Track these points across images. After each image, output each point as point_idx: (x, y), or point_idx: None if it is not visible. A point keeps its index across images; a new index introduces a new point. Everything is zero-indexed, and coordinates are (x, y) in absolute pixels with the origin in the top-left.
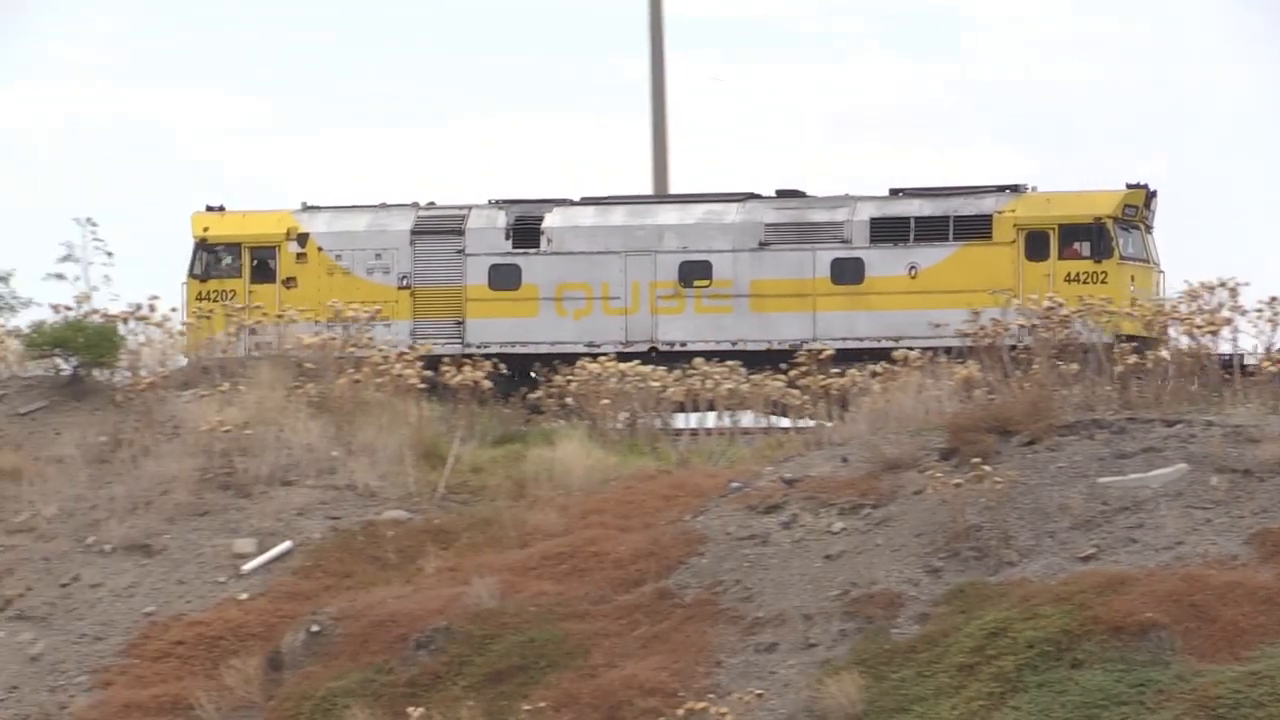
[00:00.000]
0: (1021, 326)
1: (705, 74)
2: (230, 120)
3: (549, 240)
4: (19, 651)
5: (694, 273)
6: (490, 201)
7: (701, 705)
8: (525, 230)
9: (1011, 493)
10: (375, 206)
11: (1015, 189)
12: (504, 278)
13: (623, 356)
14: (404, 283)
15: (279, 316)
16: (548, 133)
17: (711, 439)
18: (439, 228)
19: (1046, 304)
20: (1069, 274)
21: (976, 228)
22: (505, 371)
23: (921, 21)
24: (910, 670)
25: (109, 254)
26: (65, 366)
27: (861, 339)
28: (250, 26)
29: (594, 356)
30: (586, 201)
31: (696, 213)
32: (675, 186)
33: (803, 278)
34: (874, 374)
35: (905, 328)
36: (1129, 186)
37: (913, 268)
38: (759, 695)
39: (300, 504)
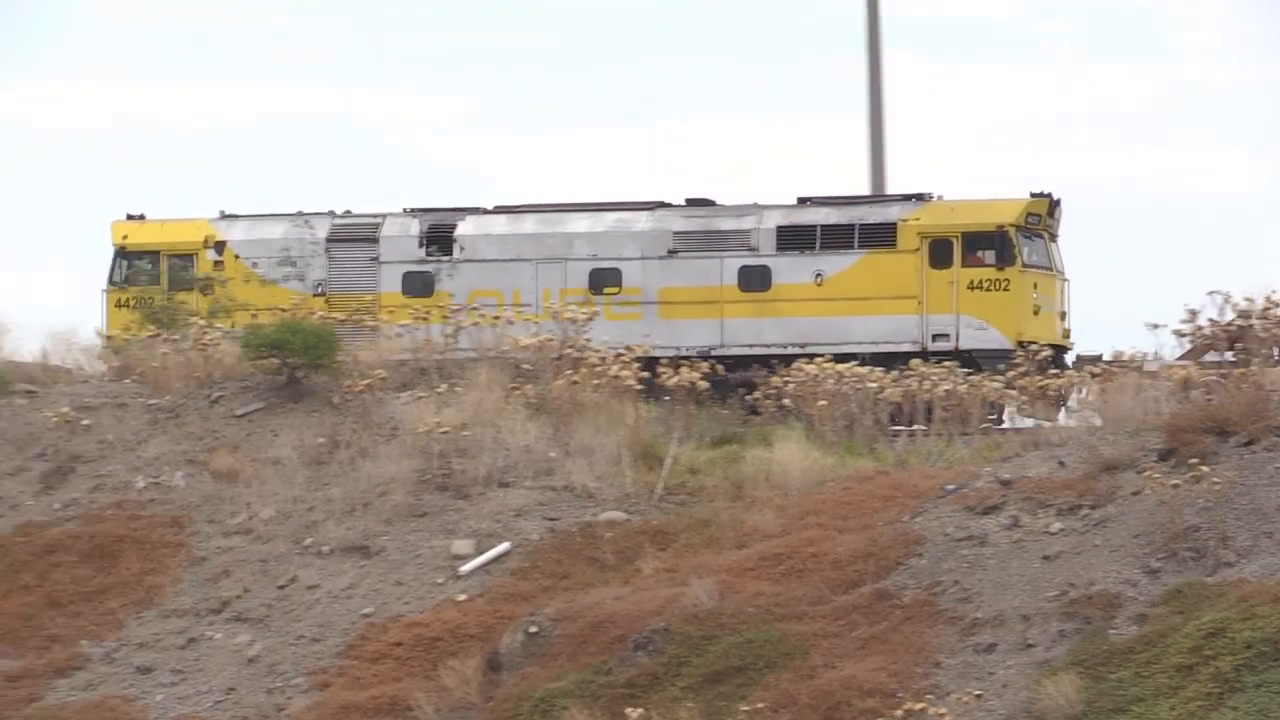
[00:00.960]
0: (1238, 325)
1: None
2: (432, 119)
3: (462, 248)
4: (236, 653)
5: (604, 280)
6: (405, 210)
7: (920, 706)
8: (439, 238)
9: (1229, 493)
10: (292, 214)
11: (920, 197)
12: (417, 285)
13: None
14: (319, 290)
15: (495, 319)
16: (756, 134)
17: (929, 439)
18: (354, 235)
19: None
20: (971, 281)
21: (881, 236)
22: None
23: (1129, 22)
24: (1128, 671)
25: (328, 255)
26: (283, 368)
27: (768, 345)
28: (453, 28)
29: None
30: (499, 210)
31: (607, 221)
32: (890, 186)
33: (710, 285)
34: (1092, 375)
35: (812, 334)
36: (1033, 195)
37: (819, 275)
38: (977, 696)
39: (518, 505)
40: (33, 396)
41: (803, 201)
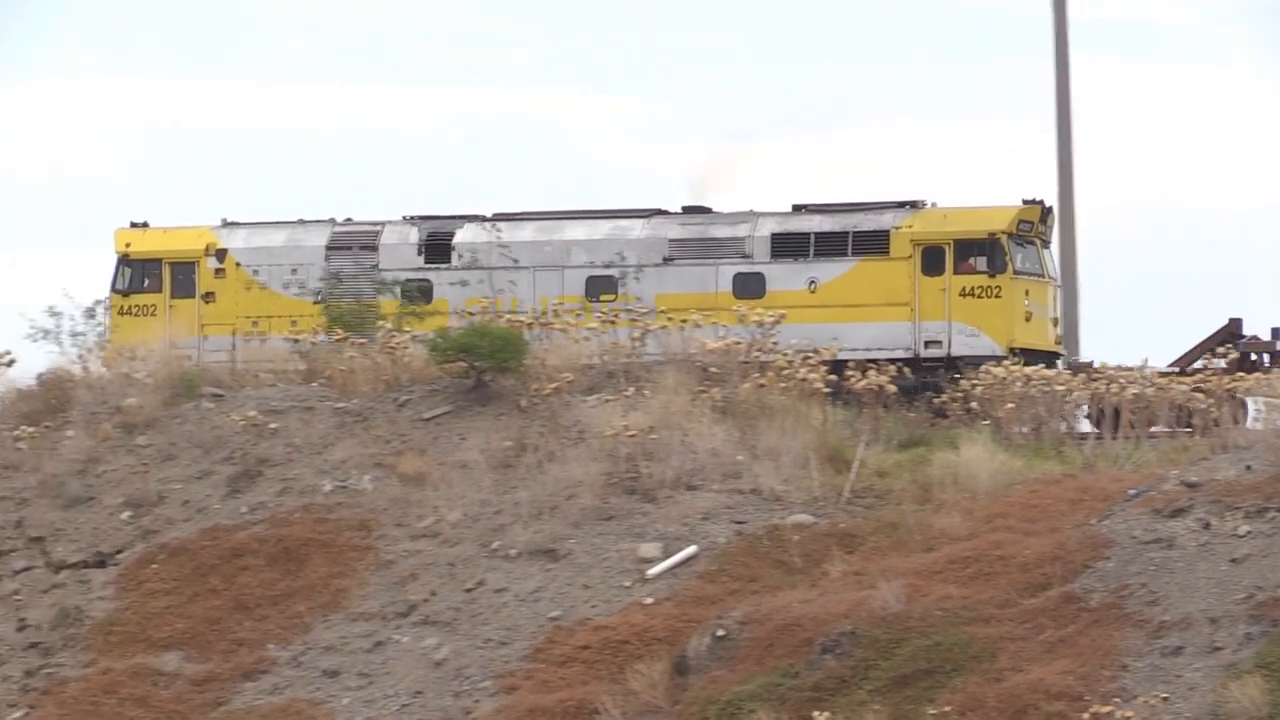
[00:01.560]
0: None
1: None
2: (617, 120)
3: (460, 256)
4: (424, 657)
5: (600, 287)
6: (403, 218)
7: (1107, 709)
8: (437, 246)
9: None
10: (292, 222)
11: (914, 205)
12: (417, 293)
13: None
14: (319, 297)
15: (684, 322)
16: (941, 138)
17: (1117, 443)
18: (353, 243)
19: None
20: (964, 288)
21: (874, 243)
22: None
23: None
24: None
25: (514, 260)
26: (470, 372)
27: None
28: (635, 30)
29: None
30: (498, 217)
31: (603, 228)
32: (1079, 190)
33: (705, 292)
34: None
35: (805, 341)
36: (1025, 202)
37: (812, 282)
38: (1164, 699)
39: (705, 508)
40: (219, 400)
41: (797, 209)
